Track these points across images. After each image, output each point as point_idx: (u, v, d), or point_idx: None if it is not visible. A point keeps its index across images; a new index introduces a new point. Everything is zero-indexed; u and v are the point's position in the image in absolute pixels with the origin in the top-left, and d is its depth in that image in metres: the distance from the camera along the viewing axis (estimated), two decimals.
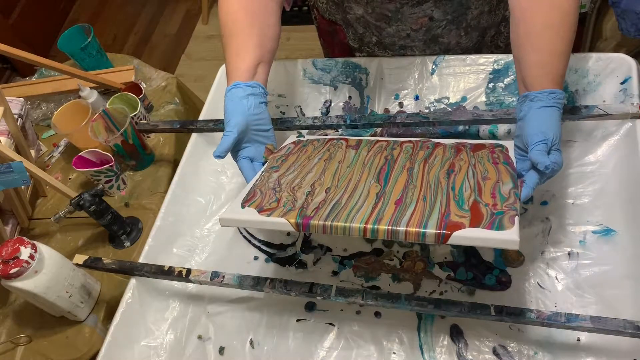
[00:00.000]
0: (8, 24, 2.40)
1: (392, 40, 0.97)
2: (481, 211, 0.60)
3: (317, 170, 0.75)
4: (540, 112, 0.69)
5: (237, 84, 0.77)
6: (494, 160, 0.73)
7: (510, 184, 0.66)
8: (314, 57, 1.03)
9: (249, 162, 0.78)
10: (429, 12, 0.91)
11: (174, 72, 2.41)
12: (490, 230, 0.57)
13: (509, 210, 0.60)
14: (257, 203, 0.68)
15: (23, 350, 0.90)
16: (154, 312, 0.84)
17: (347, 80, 1.00)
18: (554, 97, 0.69)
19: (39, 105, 1.25)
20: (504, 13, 0.97)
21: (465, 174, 0.70)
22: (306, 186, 0.71)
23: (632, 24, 1.17)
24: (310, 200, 0.67)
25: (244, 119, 0.76)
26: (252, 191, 0.71)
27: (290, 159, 0.79)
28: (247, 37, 0.80)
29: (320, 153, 0.80)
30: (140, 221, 1.02)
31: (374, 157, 0.77)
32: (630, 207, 0.76)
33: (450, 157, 0.75)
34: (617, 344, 0.67)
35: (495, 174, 0.69)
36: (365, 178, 0.71)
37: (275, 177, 0.74)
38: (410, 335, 0.75)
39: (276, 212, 0.65)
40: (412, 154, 0.76)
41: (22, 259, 0.78)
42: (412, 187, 0.67)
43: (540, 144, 0.67)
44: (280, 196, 0.69)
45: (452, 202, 0.63)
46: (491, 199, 0.63)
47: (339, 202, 0.66)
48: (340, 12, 0.99)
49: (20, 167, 0.87)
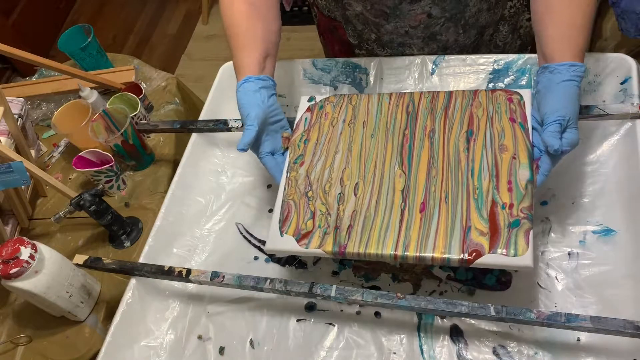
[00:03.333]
0: (8, 24, 2.40)
1: (390, 37, 0.98)
2: (499, 223, 0.65)
3: (343, 147, 0.78)
4: (559, 87, 0.67)
5: (248, 78, 0.78)
6: (512, 114, 0.74)
7: (527, 170, 0.68)
8: (314, 57, 1.03)
9: (271, 158, 0.80)
10: (427, 9, 0.91)
11: (174, 72, 2.41)
12: (507, 257, 0.63)
13: (524, 219, 0.65)
14: (294, 227, 0.73)
15: (23, 350, 0.90)
16: (154, 312, 0.84)
17: (347, 80, 1.00)
18: (573, 70, 0.67)
19: (39, 105, 1.25)
20: (503, 12, 0.97)
21: (483, 139, 0.73)
22: (336, 184, 0.74)
23: (632, 24, 1.17)
24: (342, 213, 0.72)
25: (262, 111, 0.77)
26: (285, 207, 0.75)
27: (313, 134, 0.81)
28: (252, 32, 0.81)
29: (342, 112, 0.82)
30: (140, 221, 1.02)
31: (395, 111, 0.79)
32: (630, 207, 0.76)
33: (469, 102, 0.77)
34: (617, 344, 0.67)
35: (512, 142, 0.71)
36: (389, 162, 0.74)
37: (303, 173, 0.77)
38: (410, 335, 0.75)
39: (314, 239, 0.71)
40: (432, 99, 0.79)
41: (22, 259, 0.78)
42: (434, 173, 0.72)
43: (554, 124, 0.66)
44: (314, 208, 0.73)
45: (472, 206, 0.68)
46: (508, 194, 0.67)
47: (368, 213, 0.71)
48: (339, 8, 0.99)
49: (21, 167, 0.87)
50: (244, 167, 0.99)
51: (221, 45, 2.43)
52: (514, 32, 1.02)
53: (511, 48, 1.04)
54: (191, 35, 2.57)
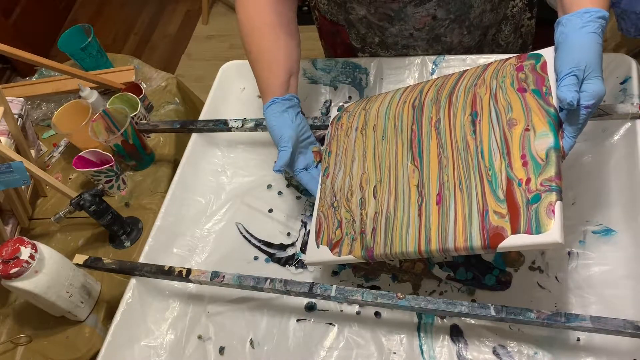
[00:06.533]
0: (8, 24, 2.40)
1: (394, 40, 0.97)
2: (517, 202, 0.60)
3: (358, 154, 0.80)
4: (574, 36, 0.61)
5: (275, 100, 0.81)
6: (520, 84, 0.68)
7: (548, 138, 0.61)
8: (314, 57, 1.03)
9: (306, 172, 0.83)
10: (432, 11, 0.91)
11: (174, 72, 2.41)
12: (531, 235, 0.57)
13: (545, 192, 0.59)
14: (326, 237, 0.76)
15: (23, 350, 0.90)
16: (154, 312, 0.84)
17: (347, 80, 1.00)
18: (588, 16, 0.60)
19: (39, 105, 1.26)
20: (505, 11, 0.97)
21: (488, 118, 0.68)
22: (356, 190, 0.76)
23: (632, 24, 1.17)
24: (365, 218, 0.73)
25: (294, 131, 0.80)
26: (318, 220, 0.78)
27: (333, 147, 0.84)
28: (275, 52, 0.82)
29: (355, 120, 0.84)
30: (140, 221, 1.02)
31: (402, 108, 0.79)
32: (630, 207, 0.76)
33: (474, 81, 0.73)
34: (617, 344, 0.67)
35: (523, 113, 0.65)
36: (401, 159, 0.74)
37: (329, 185, 0.80)
38: (410, 335, 0.75)
39: (344, 247, 0.73)
40: (440, 86, 0.77)
41: (22, 259, 0.78)
42: (445, 162, 0.69)
43: (568, 77, 0.60)
44: (340, 217, 0.76)
45: (487, 189, 0.63)
46: (523, 169, 0.61)
47: (389, 213, 0.71)
48: (342, 12, 0.99)
49: (21, 167, 0.87)
50: (244, 167, 0.99)
51: (221, 45, 2.43)
52: (515, 32, 1.02)
53: (513, 47, 1.04)
54: (191, 35, 2.57)
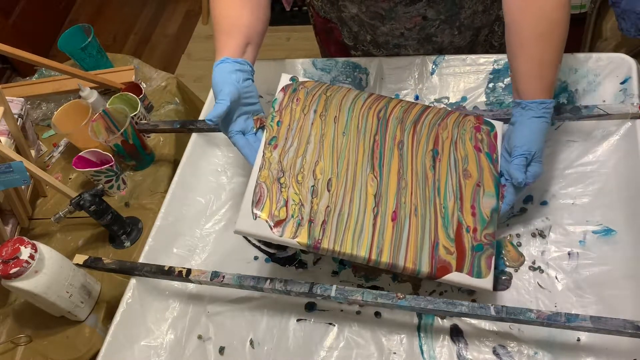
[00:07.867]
0: (8, 24, 2.40)
1: (386, 39, 0.98)
2: (464, 245, 0.71)
3: (315, 138, 0.78)
4: (529, 122, 0.73)
5: (225, 59, 0.77)
6: (477, 143, 0.78)
7: (493, 199, 0.74)
8: (313, 57, 1.03)
9: (241, 136, 0.78)
10: (422, 11, 0.91)
11: (174, 72, 2.41)
12: (471, 278, 0.69)
13: (487, 245, 0.71)
14: (268, 211, 0.72)
15: (23, 350, 0.90)
16: (154, 312, 0.84)
17: (347, 80, 1.00)
18: (543, 107, 0.72)
19: (39, 105, 1.26)
20: (498, 12, 0.97)
21: (447, 161, 0.76)
22: (308, 175, 0.75)
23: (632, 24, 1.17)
24: (316, 207, 0.72)
25: (235, 89, 0.75)
26: (259, 189, 0.74)
27: (285, 118, 0.79)
28: (237, 17, 0.79)
29: (314, 102, 0.81)
30: (140, 221, 1.02)
31: (367, 113, 0.80)
32: (630, 207, 0.76)
33: (438, 121, 0.80)
34: (617, 344, 0.67)
35: (477, 169, 0.76)
36: (361, 164, 0.76)
37: (276, 158, 0.76)
38: (410, 335, 0.75)
39: (288, 227, 0.71)
40: (405, 110, 0.80)
41: (22, 259, 0.78)
42: (404, 184, 0.74)
43: (520, 157, 0.72)
44: (287, 197, 0.73)
45: (440, 223, 0.72)
46: (472, 218, 0.72)
47: (342, 211, 0.72)
48: (334, 10, 0.99)
49: (21, 167, 0.87)
50: (244, 167, 0.99)
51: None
52: None
53: None
54: (191, 35, 2.57)
